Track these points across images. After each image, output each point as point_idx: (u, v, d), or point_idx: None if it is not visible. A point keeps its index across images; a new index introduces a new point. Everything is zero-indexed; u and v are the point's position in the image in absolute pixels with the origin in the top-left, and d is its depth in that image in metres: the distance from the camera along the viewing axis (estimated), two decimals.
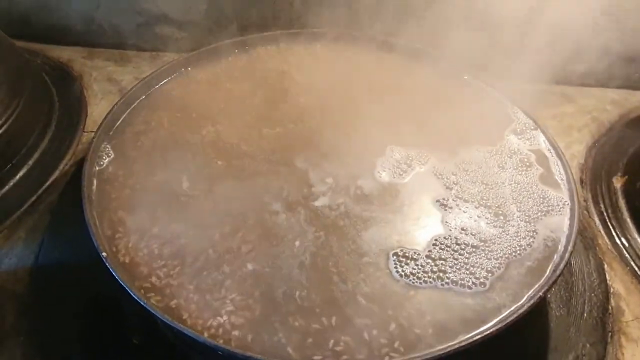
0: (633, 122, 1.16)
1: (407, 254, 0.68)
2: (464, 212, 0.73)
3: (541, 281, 0.63)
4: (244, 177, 0.78)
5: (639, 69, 1.21)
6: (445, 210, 0.74)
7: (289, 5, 1.15)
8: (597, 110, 1.18)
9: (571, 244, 0.67)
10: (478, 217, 0.73)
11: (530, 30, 1.11)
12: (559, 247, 0.67)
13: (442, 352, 0.55)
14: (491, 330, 0.57)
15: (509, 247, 0.69)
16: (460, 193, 0.76)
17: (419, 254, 0.68)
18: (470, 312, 0.62)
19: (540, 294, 0.61)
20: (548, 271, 0.65)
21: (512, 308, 0.61)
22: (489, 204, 0.75)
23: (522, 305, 0.60)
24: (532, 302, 0.60)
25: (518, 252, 0.68)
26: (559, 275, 0.64)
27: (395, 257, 0.67)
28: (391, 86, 0.95)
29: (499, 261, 0.67)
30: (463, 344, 0.56)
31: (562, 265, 0.64)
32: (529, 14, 1.09)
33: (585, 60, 1.16)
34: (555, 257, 0.66)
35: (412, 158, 0.81)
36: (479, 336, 0.56)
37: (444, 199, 0.75)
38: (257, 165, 0.80)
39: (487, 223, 0.72)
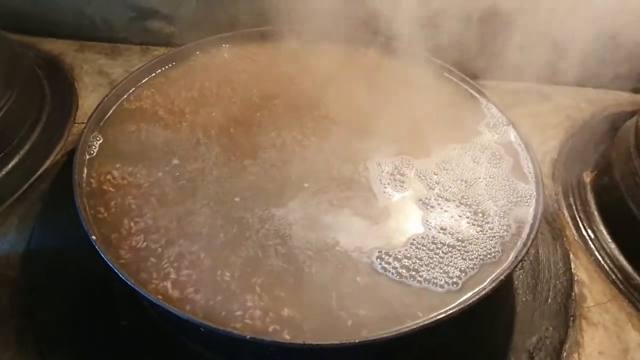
0: (606, 120, 1.20)
1: (388, 252, 0.70)
2: (445, 211, 0.76)
3: (504, 265, 0.68)
4: (236, 166, 0.82)
5: (613, 69, 1.26)
6: (427, 209, 0.77)
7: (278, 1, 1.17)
8: (572, 109, 1.23)
9: (534, 232, 0.71)
10: (459, 216, 0.76)
11: (512, 29, 1.16)
12: (523, 234, 0.72)
13: (408, 329, 0.59)
14: (454, 310, 0.62)
15: (484, 248, 0.71)
16: (442, 192, 0.79)
17: (398, 252, 0.70)
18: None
19: (502, 277, 0.65)
20: (511, 256, 0.69)
21: (475, 290, 0.65)
22: (469, 202, 0.78)
23: (485, 288, 0.65)
24: (494, 284, 0.64)
25: (492, 254, 0.71)
26: (521, 260, 0.68)
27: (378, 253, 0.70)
28: (372, 84, 0.98)
29: (473, 262, 0.70)
30: (427, 321, 0.60)
31: (524, 251, 0.68)
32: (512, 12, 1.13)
33: (563, 59, 1.20)
34: (518, 243, 0.71)
35: (400, 166, 0.82)
36: (443, 315, 0.61)
37: (426, 198, 0.78)
38: (247, 150, 0.84)
39: (468, 222, 0.75)
